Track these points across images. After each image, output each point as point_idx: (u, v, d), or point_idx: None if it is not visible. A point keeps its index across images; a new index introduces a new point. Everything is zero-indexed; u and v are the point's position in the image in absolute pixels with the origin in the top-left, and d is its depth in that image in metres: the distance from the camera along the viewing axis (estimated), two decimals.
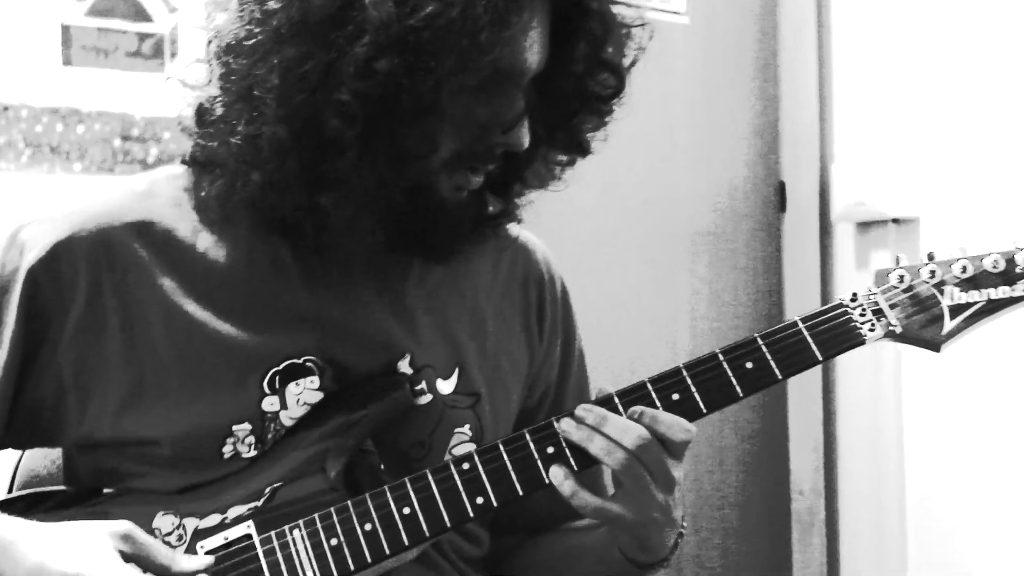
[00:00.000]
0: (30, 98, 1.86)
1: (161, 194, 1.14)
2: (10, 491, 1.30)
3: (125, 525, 1.01)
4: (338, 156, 1.02)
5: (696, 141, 2.40)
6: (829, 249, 2.37)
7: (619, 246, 2.34)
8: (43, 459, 1.24)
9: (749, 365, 1.08)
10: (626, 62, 1.15)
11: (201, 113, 1.10)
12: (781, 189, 2.44)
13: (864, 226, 2.27)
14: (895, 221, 2.23)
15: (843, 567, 2.38)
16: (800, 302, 2.40)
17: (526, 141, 1.09)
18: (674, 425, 1.06)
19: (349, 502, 1.07)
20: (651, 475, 1.05)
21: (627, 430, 1.05)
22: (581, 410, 1.08)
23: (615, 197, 2.28)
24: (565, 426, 1.07)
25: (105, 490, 1.12)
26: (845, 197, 2.25)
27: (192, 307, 1.11)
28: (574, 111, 1.14)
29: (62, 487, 1.15)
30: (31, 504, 1.10)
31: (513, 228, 1.28)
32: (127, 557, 0.99)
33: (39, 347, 1.10)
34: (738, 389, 1.08)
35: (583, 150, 1.18)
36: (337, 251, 1.13)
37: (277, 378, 1.11)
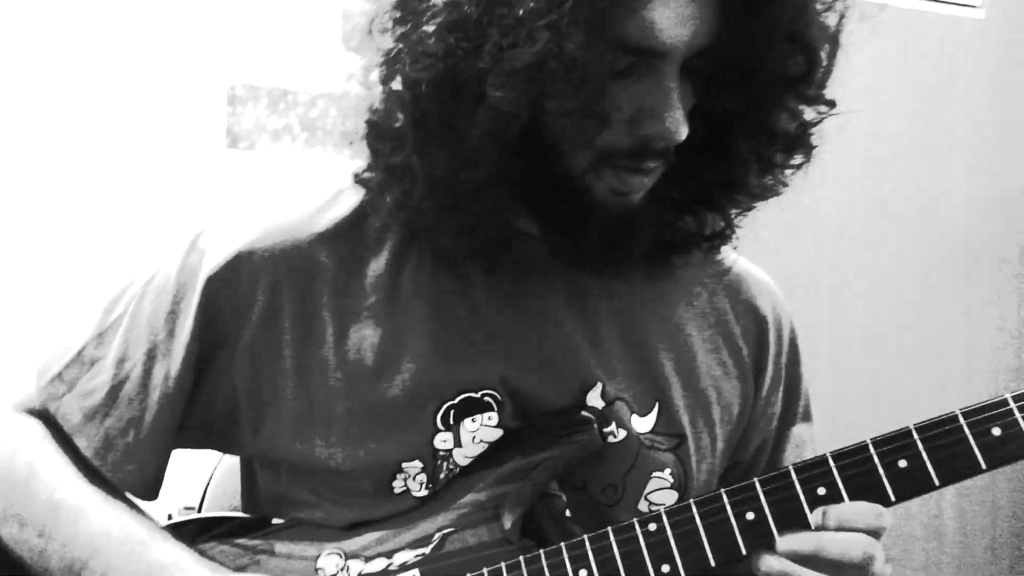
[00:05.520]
0: (307, 84, 1.90)
1: (347, 205, 1.08)
2: (199, 509, 1.32)
3: None
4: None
5: (978, 150, 2.15)
6: None
7: (881, 265, 2.13)
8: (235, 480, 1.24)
9: (996, 432, 0.92)
10: (829, 40, 0.98)
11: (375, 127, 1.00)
12: None
13: None
14: None
15: None
16: None
17: (679, 131, 0.94)
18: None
19: (522, 558, 0.98)
20: None
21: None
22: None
23: (879, 208, 2.07)
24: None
25: (274, 520, 1.08)
26: None
27: (369, 331, 1.04)
28: (764, 95, 0.99)
29: (236, 515, 1.13)
30: (203, 528, 1.08)
31: (729, 256, 1.15)
32: None
33: (212, 359, 1.05)
34: (981, 460, 0.93)
35: (794, 144, 1.03)
36: (525, 264, 1.05)
37: (452, 413, 1.03)
